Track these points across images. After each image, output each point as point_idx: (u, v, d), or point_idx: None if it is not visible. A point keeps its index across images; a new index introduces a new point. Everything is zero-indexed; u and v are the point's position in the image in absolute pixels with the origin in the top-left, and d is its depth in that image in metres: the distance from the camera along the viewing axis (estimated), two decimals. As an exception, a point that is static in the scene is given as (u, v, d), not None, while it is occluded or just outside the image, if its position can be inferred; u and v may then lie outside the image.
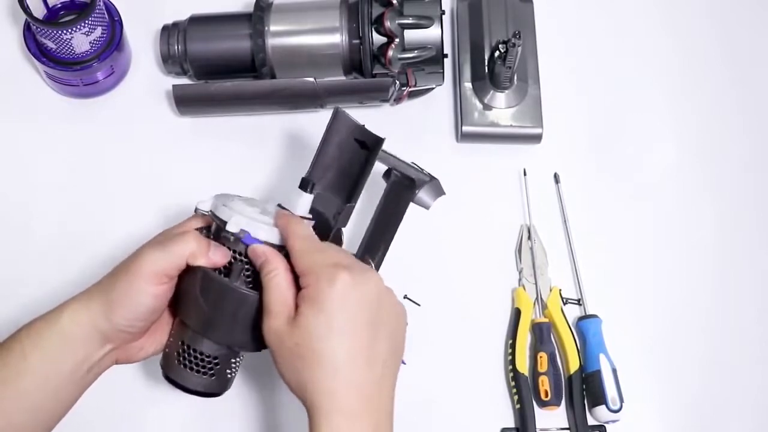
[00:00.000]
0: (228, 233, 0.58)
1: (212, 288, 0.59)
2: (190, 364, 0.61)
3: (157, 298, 0.58)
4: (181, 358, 0.61)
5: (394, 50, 0.79)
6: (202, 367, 0.61)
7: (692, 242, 0.85)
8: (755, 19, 0.95)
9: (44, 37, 0.79)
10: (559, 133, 0.87)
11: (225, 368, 0.62)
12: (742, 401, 0.80)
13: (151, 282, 0.58)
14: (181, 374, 0.61)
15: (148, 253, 0.58)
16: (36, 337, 0.59)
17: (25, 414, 0.59)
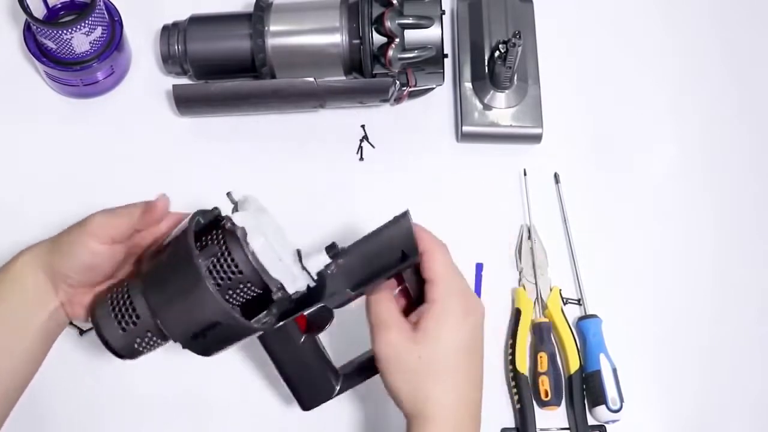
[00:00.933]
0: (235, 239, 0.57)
1: (179, 248, 0.57)
2: (115, 306, 0.60)
3: (95, 255, 0.60)
4: (112, 296, 0.60)
5: (394, 50, 0.79)
6: (121, 317, 0.59)
7: (692, 242, 0.85)
8: (756, 17, 0.95)
9: (44, 37, 0.79)
10: (559, 133, 0.87)
11: (139, 334, 0.60)
12: (742, 401, 0.80)
13: (94, 238, 0.60)
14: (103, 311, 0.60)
15: (99, 213, 0.61)
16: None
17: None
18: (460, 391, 0.59)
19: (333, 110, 0.86)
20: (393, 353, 0.58)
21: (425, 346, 0.58)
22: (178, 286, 0.57)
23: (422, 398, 0.58)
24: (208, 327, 0.57)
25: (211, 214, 0.61)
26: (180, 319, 0.57)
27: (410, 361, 0.58)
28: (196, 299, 0.56)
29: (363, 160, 0.86)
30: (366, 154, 0.86)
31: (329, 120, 0.87)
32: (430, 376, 0.58)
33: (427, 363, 0.58)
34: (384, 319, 0.59)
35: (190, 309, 0.57)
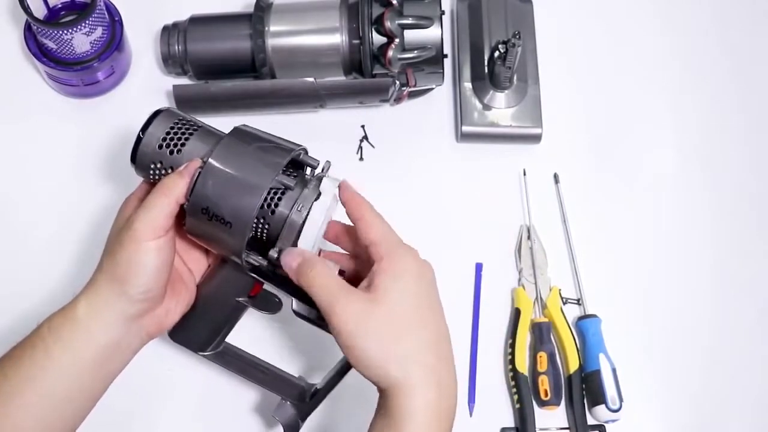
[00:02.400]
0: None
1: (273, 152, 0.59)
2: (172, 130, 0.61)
3: (160, 252, 0.58)
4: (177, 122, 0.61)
5: (394, 50, 0.79)
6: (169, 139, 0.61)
7: (692, 242, 0.85)
8: (756, 17, 0.95)
9: (45, 37, 0.79)
10: (558, 133, 0.87)
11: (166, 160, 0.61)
12: (741, 401, 0.80)
13: (148, 239, 0.57)
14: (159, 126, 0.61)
15: (135, 218, 0.58)
16: (56, 332, 0.59)
17: (54, 410, 0.59)
18: (432, 347, 0.56)
19: (333, 110, 0.86)
20: (355, 322, 0.55)
21: (386, 304, 0.55)
22: (242, 171, 0.57)
23: (395, 361, 0.54)
24: (221, 218, 0.57)
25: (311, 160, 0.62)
26: (214, 188, 0.57)
27: (375, 325, 0.54)
28: (241, 192, 0.57)
29: (363, 160, 0.86)
30: (366, 154, 0.87)
31: (329, 120, 0.87)
32: (399, 336, 0.55)
33: (393, 321, 0.55)
34: (333, 291, 0.56)
35: (228, 192, 0.57)
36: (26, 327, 0.61)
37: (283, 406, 0.66)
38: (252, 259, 0.60)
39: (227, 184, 0.57)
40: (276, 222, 0.58)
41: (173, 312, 0.63)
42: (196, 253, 0.66)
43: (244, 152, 0.59)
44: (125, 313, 0.59)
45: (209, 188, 0.57)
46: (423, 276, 0.58)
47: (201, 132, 0.61)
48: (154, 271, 0.58)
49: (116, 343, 0.60)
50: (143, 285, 0.58)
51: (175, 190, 0.58)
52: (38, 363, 0.58)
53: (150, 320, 0.61)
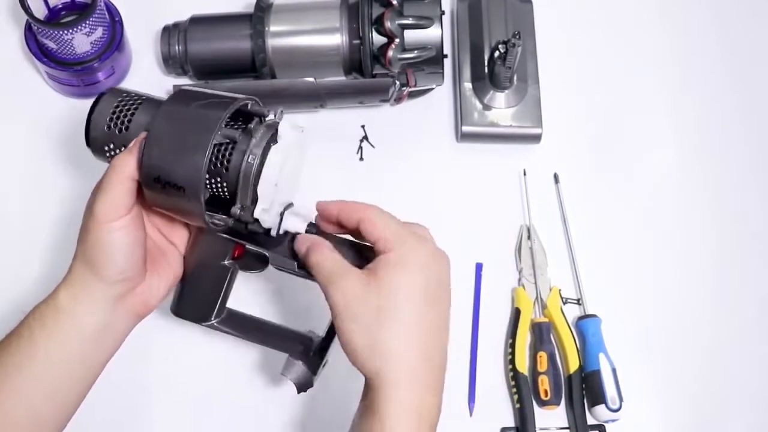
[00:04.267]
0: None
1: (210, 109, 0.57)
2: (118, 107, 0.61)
3: (126, 231, 0.58)
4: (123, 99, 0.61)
5: (394, 50, 0.79)
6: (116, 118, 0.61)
7: (692, 241, 0.85)
8: (756, 17, 0.95)
9: (45, 38, 0.79)
10: (558, 133, 0.87)
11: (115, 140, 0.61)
12: (741, 401, 0.80)
13: (110, 220, 0.57)
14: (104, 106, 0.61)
15: (93, 201, 0.58)
16: (41, 321, 0.59)
17: (45, 398, 0.59)
18: (421, 344, 0.54)
19: (333, 110, 0.86)
20: (347, 302, 0.54)
21: (380, 294, 0.54)
22: (184, 133, 0.56)
23: (380, 352, 0.53)
24: (173, 185, 0.56)
25: (259, 109, 0.60)
26: (160, 156, 0.56)
27: (366, 310, 0.54)
28: (185, 155, 0.56)
29: (363, 160, 0.86)
30: (366, 154, 0.87)
31: (329, 120, 0.87)
32: (388, 327, 0.53)
33: (385, 312, 0.53)
34: (335, 269, 0.56)
35: (174, 157, 0.56)
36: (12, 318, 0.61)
37: (291, 363, 0.64)
38: (217, 220, 0.59)
39: (171, 149, 0.56)
40: (231, 177, 0.57)
41: (157, 288, 0.63)
42: (176, 225, 0.65)
43: (184, 114, 0.57)
44: (106, 296, 0.59)
45: (155, 157, 0.56)
46: (430, 269, 0.56)
47: (145, 104, 0.61)
48: (124, 252, 0.58)
49: (102, 326, 0.60)
50: (116, 266, 0.58)
51: (125, 168, 0.57)
52: (25, 351, 0.58)
53: (134, 299, 0.61)
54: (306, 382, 0.64)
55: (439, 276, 0.57)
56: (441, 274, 0.57)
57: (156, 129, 0.57)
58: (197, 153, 0.55)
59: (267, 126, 0.59)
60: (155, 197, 0.58)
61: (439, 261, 0.57)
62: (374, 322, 0.54)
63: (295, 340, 0.65)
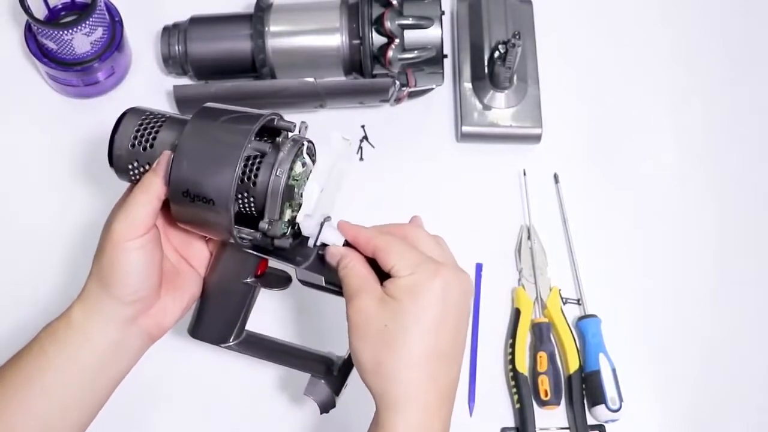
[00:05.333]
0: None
1: (240, 124, 0.57)
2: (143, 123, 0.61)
3: (143, 252, 0.57)
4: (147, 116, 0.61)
5: (394, 50, 0.79)
6: (140, 135, 0.60)
7: (692, 241, 0.85)
8: (756, 18, 0.95)
9: (45, 38, 0.79)
10: (558, 133, 0.87)
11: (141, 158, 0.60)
12: (741, 401, 0.80)
13: (128, 239, 0.56)
14: (129, 123, 0.61)
15: (114, 219, 0.58)
16: (53, 336, 0.59)
17: (55, 414, 0.59)
18: (430, 368, 0.54)
19: (333, 110, 0.86)
20: (360, 318, 0.55)
21: (393, 315, 0.53)
22: (214, 146, 0.57)
23: (385, 373, 0.53)
24: (202, 197, 0.56)
25: (286, 123, 0.60)
26: (189, 169, 0.56)
27: (376, 328, 0.54)
28: (216, 166, 0.56)
29: (363, 160, 0.86)
30: (366, 154, 0.87)
31: (329, 120, 0.87)
32: (393, 346, 0.53)
33: (391, 335, 0.53)
34: (360, 285, 0.56)
35: (204, 170, 0.56)
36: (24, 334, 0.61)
37: (314, 383, 0.64)
38: (245, 235, 0.59)
39: (201, 161, 0.56)
40: (259, 192, 0.57)
41: (172, 310, 0.62)
42: (196, 246, 0.64)
43: (213, 127, 0.58)
44: (119, 315, 0.59)
45: (184, 170, 0.56)
46: (445, 296, 0.54)
47: (169, 122, 0.60)
48: (139, 272, 0.58)
49: (114, 346, 0.59)
50: (130, 287, 0.58)
51: (152, 186, 0.57)
52: (36, 365, 0.58)
53: (147, 321, 0.61)
54: (329, 402, 0.64)
55: (457, 301, 0.55)
56: (459, 299, 0.55)
57: (184, 143, 0.57)
58: (228, 164, 0.55)
59: (293, 140, 0.59)
60: (183, 212, 0.58)
61: (457, 286, 0.55)
62: (381, 343, 0.54)
63: (316, 360, 0.65)
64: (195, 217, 0.58)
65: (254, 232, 0.59)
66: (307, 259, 0.60)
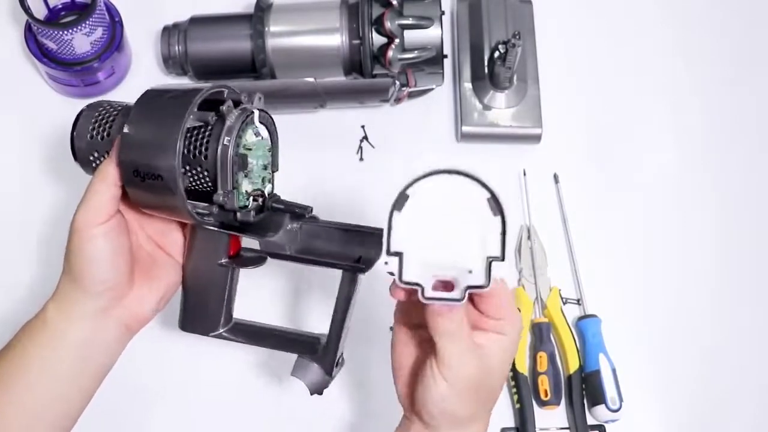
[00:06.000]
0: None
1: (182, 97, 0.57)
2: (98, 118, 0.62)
3: (106, 239, 0.57)
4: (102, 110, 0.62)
5: (394, 50, 0.79)
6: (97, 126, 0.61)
7: (692, 241, 0.85)
8: (756, 18, 0.95)
9: (45, 38, 0.79)
10: (558, 134, 0.87)
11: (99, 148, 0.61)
12: (742, 401, 0.80)
13: (89, 227, 0.57)
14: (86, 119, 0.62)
15: (76, 211, 0.58)
16: (30, 335, 0.59)
17: (43, 406, 0.59)
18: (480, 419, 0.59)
19: (333, 110, 0.86)
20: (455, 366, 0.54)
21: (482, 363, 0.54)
22: (157, 123, 0.57)
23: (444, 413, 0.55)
24: (151, 174, 0.56)
25: (235, 95, 0.60)
26: (136, 149, 0.57)
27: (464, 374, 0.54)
28: (160, 141, 0.56)
29: (363, 160, 0.86)
30: (366, 154, 0.87)
31: (329, 120, 0.87)
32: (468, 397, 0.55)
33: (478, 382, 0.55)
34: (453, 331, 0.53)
35: (149, 147, 0.56)
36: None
37: (303, 364, 0.61)
38: (202, 210, 0.59)
39: (146, 138, 0.56)
40: (210, 164, 0.57)
41: (148, 299, 0.62)
42: (173, 235, 0.63)
43: (156, 105, 0.58)
44: (91, 308, 0.59)
45: (131, 150, 0.57)
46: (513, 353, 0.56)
47: (124, 110, 0.61)
48: (105, 259, 0.58)
49: (91, 339, 0.59)
50: (97, 276, 0.58)
51: (107, 173, 0.57)
52: (19, 362, 0.59)
53: (122, 311, 0.60)
54: (318, 381, 0.62)
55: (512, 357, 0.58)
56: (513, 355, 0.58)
57: (130, 125, 0.57)
58: (171, 137, 0.56)
59: (242, 110, 0.59)
60: (138, 195, 0.58)
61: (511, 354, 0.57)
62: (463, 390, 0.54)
63: (304, 341, 0.64)
64: (151, 199, 0.58)
65: (210, 206, 0.58)
66: (278, 231, 0.60)
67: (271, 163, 0.62)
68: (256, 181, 0.60)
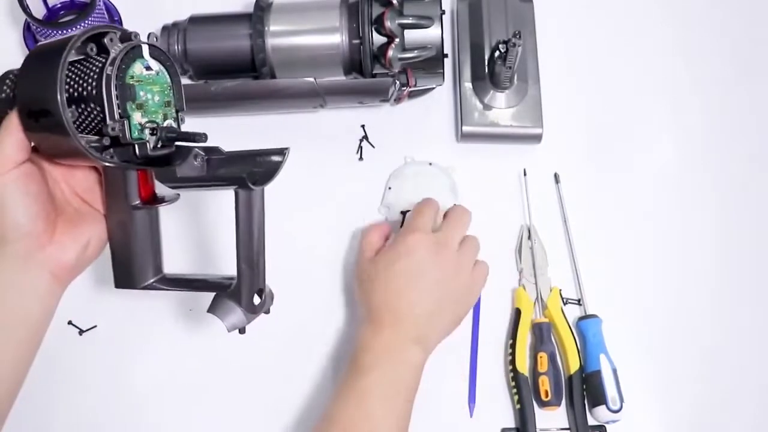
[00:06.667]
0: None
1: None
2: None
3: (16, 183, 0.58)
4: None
5: (394, 50, 0.79)
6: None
7: (692, 242, 0.85)
8: (757, 17, 0.95)
9: (44, 37, 0.79)
10: (559, 133, 0.87)
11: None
12: (742, 401, 0.80)
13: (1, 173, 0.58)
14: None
15: None
16: None
17: None
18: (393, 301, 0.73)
19: (333, 110, 0.86)
20: (359, 269, 0.77)
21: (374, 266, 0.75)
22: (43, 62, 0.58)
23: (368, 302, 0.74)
24: (42, 112, 0.57)
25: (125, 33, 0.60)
26: (27, 89, 0.58)
27: (364, 275, 0.76)
28: (43, 77, 0.57)
29: (363, 160, 0.86)
30: (366, 154, 0.86)
31: (329, 120, 0.87)
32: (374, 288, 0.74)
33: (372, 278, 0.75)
34: (364, 246, 0.78)
35: (36, 84, 0.58)
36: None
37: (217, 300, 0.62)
38: (95, 143, 0.59)
39: (32, 78, 0.58)
40: (97, 97, 0.57)
41: (71, 248, 0.62)
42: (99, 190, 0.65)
43: (44, 49, 0.59)
44: (10, 254, 0.59)
45: (23, 92, 0.58)
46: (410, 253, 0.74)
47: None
48: (18, 205, 0.59)
49: (17, 286, 0.60)
50: (10, 220, 0.59)
51: (9, 121, 0.59)
52: None
53: (45, 258, 0.61)
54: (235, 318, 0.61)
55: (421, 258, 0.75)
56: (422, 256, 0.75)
57: (21, 69, 0.59)
58: (52, 69, 0.56)
59: (127, 43, 0.59)
60: (38, 139, 0.59)
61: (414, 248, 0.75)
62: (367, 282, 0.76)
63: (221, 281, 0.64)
64: (49, 141, 0.59)
65: (101, 139, 0.59)
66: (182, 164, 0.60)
67: (174, 100, 0.62)
68: (154, 116, 0.60)
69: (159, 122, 0.60)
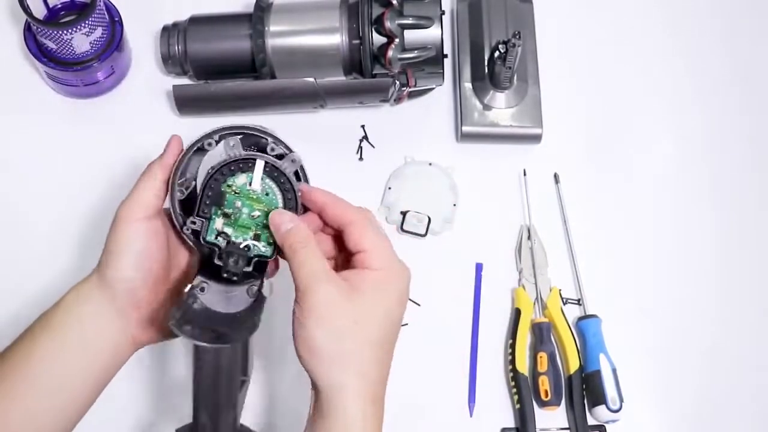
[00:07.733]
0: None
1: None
2: None
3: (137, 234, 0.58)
4: None
5: (394, 50, 0.79)
6: None
7: (692, 241, 0.85)
8: (756, 17, 0.95)
9: (44, 38, 0.79)
10: (558, 133, 0.87)
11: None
12: (742, 401, 0.80)
13: (128, 219, 0.58)
14: None
15: (121, 204, 0.59)
16: (44, 320, 0.59)
17: (43, 402, 0.58)
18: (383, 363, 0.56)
19: (333, 110, 0.86)
20: (326, 307, 0.54)
21: (360, 310, 0.54)
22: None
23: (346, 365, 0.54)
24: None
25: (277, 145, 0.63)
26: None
27: (342, 323, 0.54)
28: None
29: (363, 160, 0.86)
30: (366, 154, 0.87)
31: (329, 120, 0.87)
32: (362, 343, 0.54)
33: (361, 328, 0.54)
34: (318, 272, 0.55)
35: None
36: (20, 328, 0.61)
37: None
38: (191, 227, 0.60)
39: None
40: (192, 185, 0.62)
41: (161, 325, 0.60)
42: None
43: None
44: (108, 302, 0.59)
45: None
46: (402, 302, 0.58)
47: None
48: (131, 254, 0.58)
49: (102, 334, 0.59)
50: (120, 267, 0.58)
51: (152, 171, 0.59)
52: (24, 353, 0.58)
53: (135, 316, 0.60)
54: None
55: (403, 311, 0.58)
56: (404, 308, 0.58)
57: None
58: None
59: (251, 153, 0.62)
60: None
61: (408, 282, 0.58)
62: (348, 335, 0.54)
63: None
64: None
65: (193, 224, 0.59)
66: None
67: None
68: (241, 230, 0.60)
69: (242, 238, 0.60)
